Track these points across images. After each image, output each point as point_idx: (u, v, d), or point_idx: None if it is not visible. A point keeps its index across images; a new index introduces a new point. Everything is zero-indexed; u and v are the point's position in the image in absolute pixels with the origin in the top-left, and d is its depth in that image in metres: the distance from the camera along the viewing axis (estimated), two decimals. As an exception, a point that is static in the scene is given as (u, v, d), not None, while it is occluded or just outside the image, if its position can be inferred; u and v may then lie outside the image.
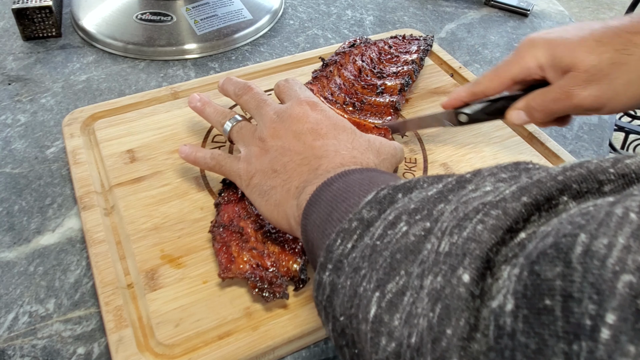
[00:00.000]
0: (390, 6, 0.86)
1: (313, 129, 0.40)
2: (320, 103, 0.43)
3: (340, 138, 0.40)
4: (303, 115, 0.41)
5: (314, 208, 0.33)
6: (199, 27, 0.75)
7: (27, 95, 0.65)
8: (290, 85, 0.47)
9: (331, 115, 0.42)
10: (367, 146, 0.41)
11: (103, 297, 0.41)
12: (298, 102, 0.43)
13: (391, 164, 0.43)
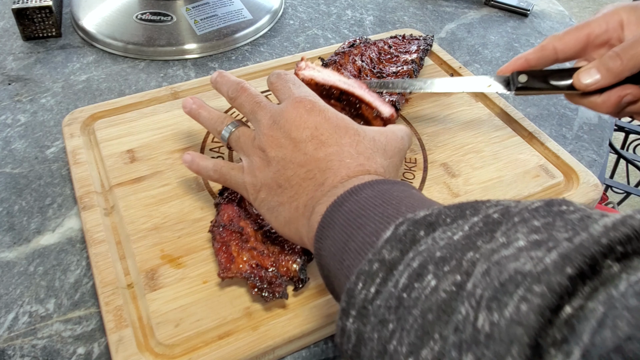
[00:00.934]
0: (390, 6, 0.86)
1: (313, 135, 0.37)
2: (317, 101, 0.40)
3: (343, 143, 0.37)
4: (300, 119, 0.38)
5: (327, 232, 0.32)
6: (199, 27, 0.75)
7: (27, 95, 0.65)
8: (283, 82, 0.43)
9: (330, 115, 0.39)
10: (373, 147, 0.38)
11: (103, 297, 0.41)
12: (293, 104, 0.39)
13: (400, 159, 0.41)
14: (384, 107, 0.51)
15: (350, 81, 0.52)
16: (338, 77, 0.52)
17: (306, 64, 0.52)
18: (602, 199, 1.21)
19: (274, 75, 0.44)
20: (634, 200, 1.72)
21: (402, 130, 0.43)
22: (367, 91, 0.52)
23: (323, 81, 0.50)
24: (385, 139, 0.40)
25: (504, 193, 0.50)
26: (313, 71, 0.51)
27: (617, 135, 1.64)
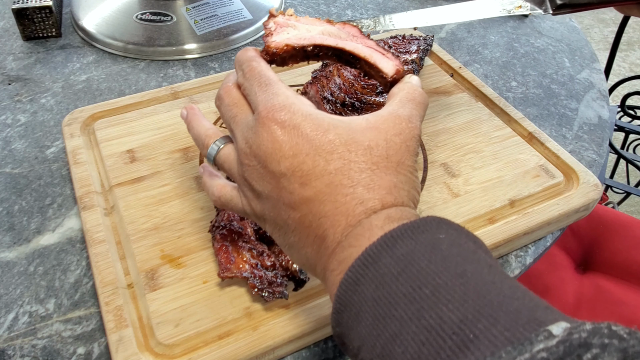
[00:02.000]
0: (390, 6, 0.86)
1: (293, 166, 0.30)
2: (291, 110, 0.31)
3: (330, 171, 0.30)
4: (273, 145, 0.31)
5: (351, 323, 0.26)
6: (199, 27, 0.75)
7: (27, 95, 0.65)
8: (249, 85, 0.35)
9: (309, 130, 0.31)
10: (371, 163, 0.30)
11: (103, 297, 0.41)
12: (262, 122, 0.31)
13: (411, 156, 0.32)
14: (385, 63, 0.39)
15: (337, 31, 0.40)
16: (321, 27, 0.40)
17: (275, 23, 0.39)
18: (602, 199, 1.21)
19: (239, 72, 0.37)
20: (634, 200, 1.72)
21: (408, 103, 0.34)
22: (360, 43, 0.40)
23: (301, 43, 0.38)
24: (385, 139, 0.31)
25: (504, 193, 0.50)
26: (285, 34, 0.39)
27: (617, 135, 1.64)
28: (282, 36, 0.38)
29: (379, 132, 0.31)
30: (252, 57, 0.36)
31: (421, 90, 0.35)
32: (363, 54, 0.38)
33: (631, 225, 0.84)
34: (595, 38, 2.50)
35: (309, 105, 0.33)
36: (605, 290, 0.77)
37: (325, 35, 0.38)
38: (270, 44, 0.37)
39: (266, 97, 0.33)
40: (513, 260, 0.48)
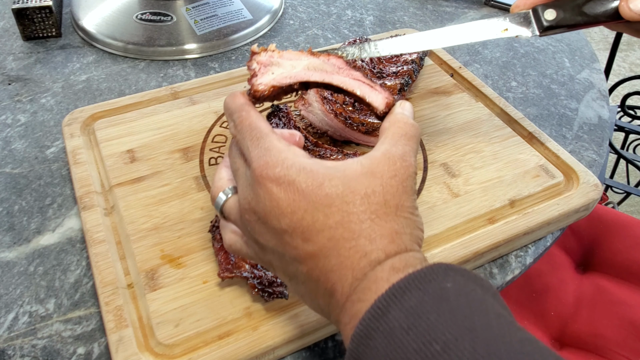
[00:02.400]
0: (390, 6, 0.86)
1: (293, 223, 0.30)
2: (285, 166, 0.31)
3: (331, 225, 0.29)
4: (271, 203, 0.30)
5: None
6: (199, 27, 0.75)
7: (27, 95, 0.65)
8: (241, 138, 0.34)
9: (303, 186, 0.30)
10: (370, 213, 0.30)
11: (103, 297, 0.41)
12: (257, 181, 0.31)
13: (409, 195, 0.32)
14: (374, 97, 0.38)
15: (322, 63, 0.39)
16: (305, 60, 0.38)
17: (259, 63, 0.38)
18: (602, 199, 1.21)
19: (230, 122, 0.36)
20: (634, 200, 1.72)
21: (400, 139, 0.34)
22: (346, 76, 0.38)
23: (286, 82, 0.37)
24: (381, 184, 0.31)
25: (504, 193, 0.50)
26: (269, 74, 0.37)
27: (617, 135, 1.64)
28: (267, 77, 0.37)
29: (374, 177, 0.31)
30: (240, 107, 0.35)
31: (412, 122, 0.35)
32: (351, 88, 0.38)
33: (631, 225, 0.84)
34: (595, 38, 2.50)
35: (302, 156, 0.32)
36: (605, 290, 0.77)
37: (310, 70, 0.38)
38: (256, 87, 0.37)
39: (259, 153, 0.32)
40: (513, 260, 0.48)
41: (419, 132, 0.35)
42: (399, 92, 0.58)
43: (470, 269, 0.47)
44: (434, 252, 0.45)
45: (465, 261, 0.45)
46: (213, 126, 0.57)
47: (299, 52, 0.39)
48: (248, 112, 0.35)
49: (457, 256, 0.45)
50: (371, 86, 0.38)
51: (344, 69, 0.39)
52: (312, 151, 0.51)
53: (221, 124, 0.57)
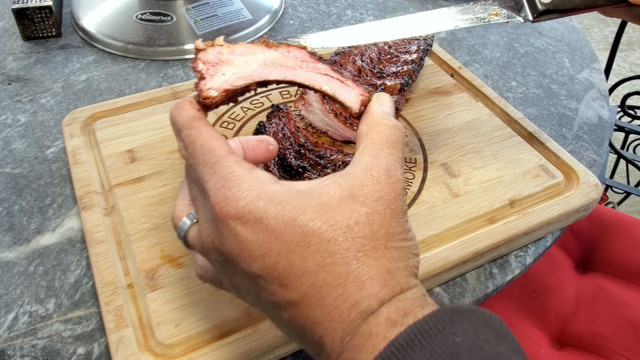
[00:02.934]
0: (390, 6, 0.86)
1: (267, 270, 0.26)
2: (248, 199, 0.26)
3: (310, 268, 0.25)
4: (238, 245, 0.26)
5: None
6: (199, 27, 0.75)
7: (27, 95, 0.65)
8: (193, 163, 0.29)
9: (273, 223, 0.25)
10: (355, 249, 0.25)
11: (103, 297, 0.41)
12: (220, 221, 0.26)
13: (400, 217, 0.27)
14: (347, 94, 0.32)
15: (282, 57, 0.33)
16: (261, 55, 0.32)
17: (205, 62, 0.31)
18: (602, 199, 1.21)
19: (179, 142, 0.30)
20: (634, 200, 1.72)
21: (382, 148, 0.29)
22: (311, 71, 0.33)
23: (241, 83, 0.32)
24: (365, 213, 0.26)
25: (504, 193, 0.50)
26: (220, 75, 0.32)
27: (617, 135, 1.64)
28: (217, 79, 0.31)
29: (356, 202, 0.26)
30: (189, 122, 0.29)
31: (394, 123, 0.30)
32: (318, 85, 0.32)
33: (631, 225, 0.84)
34: (595, 38, 2.50)
35: (268, 182, 0.27)
36: (605, 290, 0.77)
37: (268, 66, 0.32)
38: (206, 92, 0.31)
39: (216, 184, 0.27)
40: (513, 260, 0.48)
41: (403, 133, 0.30)
42: (399, 92, 0.58)
43: (470, 269, 0.47)
44: (434, 252, 0.45)
45: (465, 261, 0.45)
46: (213, 126, 0.57)
47: (253, 44, 0.33)
48: (198, 130, 0.29)
49: (457, 256, 0.45)
50: (342, 81, 0.32)
51: (308, 61, 0.33)
52: (312, 151, 0.51)
53: (221, 124, 0.57)
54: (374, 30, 0.40)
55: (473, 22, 0.39)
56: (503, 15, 0.39)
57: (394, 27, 0.40)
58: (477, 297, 0.46)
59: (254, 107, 0.59)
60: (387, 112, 0.31)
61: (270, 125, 0.52)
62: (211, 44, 0.32)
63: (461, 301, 0.45)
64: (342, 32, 0.40)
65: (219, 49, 0.32)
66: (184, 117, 0.30)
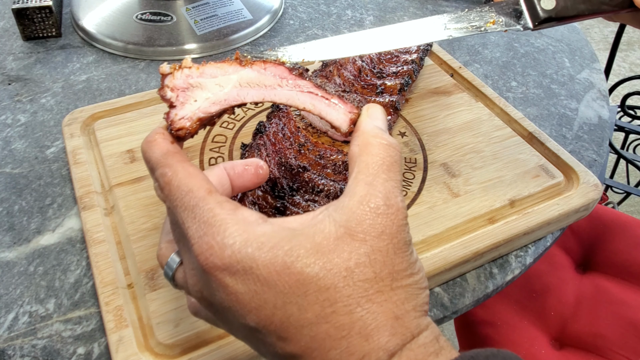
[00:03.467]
0: (390, 6, 0.86)
1: (263, 323, 0.24)
2: (235, 247, 0.24)
3: (310, 320, 0.23)
4: (229, 298, 0.24)
5: None
6: (199, 27, 0.75)
7: (27, 95, 0.65)
8: (171, 205, 0.26)
9: (264, 272, 0.23)
10: (359, 300, 0.23)
11: (103, 297, 0.41)
12: (207, 272, 0.24)
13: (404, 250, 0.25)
14: (333, 114, 0.30)
15: (258, 75, 0.30)
16: (234, 75, 0.29)
17: (173, 89, 0.29)
18: (602, 199, 1.21)
19: (154, 182, 0.28)
20: (634, 200, 1.72)
21: (378, 173, 0.26)
22: (293, 89, 0.30)
23: (216, 109, 0.29)
24: (366, 253, 0.24)
25: (504, 193, 0.50)
26: (192, 102, 0.29)
27: (617, 135, 1.64)
28: (189, 107, 0.29)
29: (355, 240, 0.24)
30: (162, 160, 0.27)
31: (389, 140, 0.27)
32: (301, 105, 0.30)
33: (631, 225, 0.84)
34: (595, 38, 2.50)
35: (255, 224, 0.24)
36: (605, 290, 0.77)
37: (244, 86, 0.29)
38: (178, 123, 0.28)
39: (197, 231, 0.24)
40: (513, 260, 0.48)
41: (400, 152, 0.27)
42: (399, 92, 0.58)
43: (470, 269, 0.47)
44: (434, 252, 0.45)
45: (465, 261, 0.45)
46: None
47: (224, 62, 0.30)
48: (173, 168, 0.26)
49: (457, 256, 0.45)
50: (327, 98, 0.29)
51: (288, 78, 0.30)
52: (312, 151, 0.51)
53: (221, 124, 0.57)
54: (360, 42, 0.37)
55: (468, 31, 0.37)
56: (501, 23, 0.37)
57: (381, 38, 0.37)
58: (477, 297, 0.46)
59: (254, 107, 0.59)
60: (380, 128, 0.28)
61: (270, 125, 0.52)
62: (178, 66, 0.29)
63: (461, 301, 0.45)
64: (325, 43, 0.36)
65: (187, 72, 0.29)
66: (157, 153, 0.27)
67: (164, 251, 0.29)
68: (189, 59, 0.29)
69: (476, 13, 0.37)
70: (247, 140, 0.53)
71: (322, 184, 0.47)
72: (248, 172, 0.31)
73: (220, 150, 0.54)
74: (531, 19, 0.36)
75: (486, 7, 0.37)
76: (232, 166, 0.31)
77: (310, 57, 0.35)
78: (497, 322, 0.72)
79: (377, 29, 0.38)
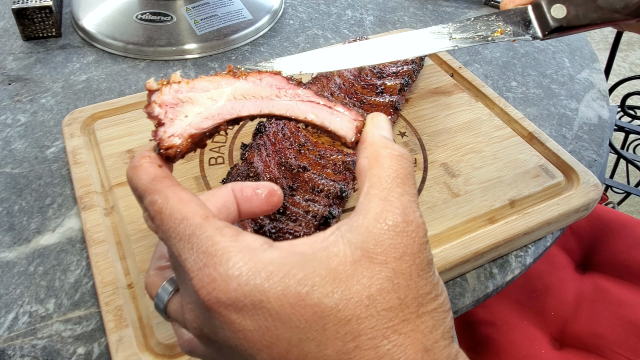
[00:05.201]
0: (390, 6, 0.86)
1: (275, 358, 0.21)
2: (241, 279, 0.21)
3: (331, 356, 0.21)
4: (236, 336, 0.21)
5: None
6: (199, 27, 0.74)
7: (27, 95, 0.65)
8: (164, 236, 0.24)
9: (276, 306, 0.21)
10: (385, 332, 0.21)
11: (103, 297, 0.41)
12: (210, 309, 0.22)
13: (427, 270, 0.23)
14: (338, 122, 0.27)
15: (253, 87, 0.28)
16: (228, 88, 0.27)
17: (161, 105, 0.26)
18: (602, 199, 1.21)
19: (144, 211, 0.25)
20: (634, 200, 1.72)
21: (393, 187, 0.23)
22: (292, 99, 0.28)
23: (209, 125, 0.27)
24: (388, 277, 0.21)
25: (504, 193, 0.50)
26: (182, 118, 0.26)
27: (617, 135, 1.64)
28: (179, 123, 0.26)
29: (374, 263, 0.21)
30: (150, 187, 0.24)
31: (400, 150, 0.25)
32: (302, 115, 0.27)
33: (631, 225, 0.84)
34: (595, 38, 2.50)
35: (260, 250, 0.22)
36: (605, 290, 0.77)
37: (238, 99, 0.27)
38: (167, 141, 0.26)
39: (196, 263, 0.22)
40: (513, 260, 0.48)
41: (412, 163, 0.25)
42: (399, 92, 0.58)
43: (470, 269, 0.47)
44: (434, 252, 0.45)
45: (465, 261, 0.45)
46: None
47: (217, 75, 0.28)
48: (163, 194, 0.24)
49: (457, 256, 0.45)
50: (329, 107, 0.27)
51: (286, 88, 0.28)
52: (312, 151, 0.51)
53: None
54: (362, 52, 0.35)
55: (475, 40, 0.35)
56: (508, 32, 0.35)
57: (385, 49, 0.35)
58: (477, 297, 0.46)
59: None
60: (388, 138, 0.26)
61: (270, 125, 0.52)
62: (166, 82, 0.27)
63: (461, 301, 0.45)
64: (325, 53, 0.34)
65: (175, 87, 0.27)
66: (144, 179, 0.24)
67: (154, 279, 0.26)
68: (178, 74, 0.27)
69: (483, 22, 0.36)
70: (247, 140, 0.53)
71: (322, 184, 0.47)
72: (258, 198, 0.28)
73: (220, 150, 0.54)
74: (540, 28, 0.35)
75: (493, 15, 0.36)
76: (241, 188, 0.28)
77: (307, 69, 0.33)
78: (497, 322, 0.72)
79: (381, 39, 0.36)
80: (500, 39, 0.36)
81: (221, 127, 0.27)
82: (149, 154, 0.25)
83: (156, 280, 0.26)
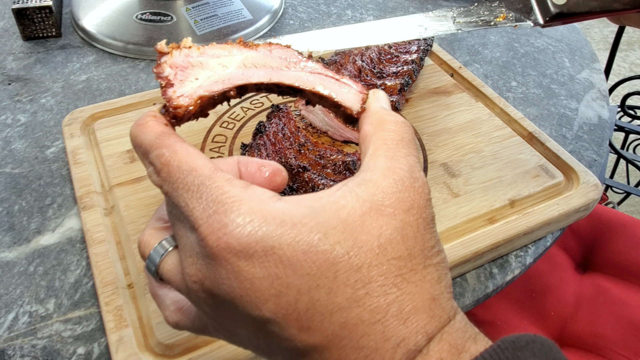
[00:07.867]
0: (390, 6, 0.86)
1: (283, 312, 0.21)
2: (253, 225, 0.21)
3: (341, 304, 0.21)
4: (242, 286, 0.21)
5: None
6: (199, 27, 0.74)
7: (27, 95, 0.65)
8: (171, 190, 0.23)
9: (289, 252, 0.21)
10: (394, 279, 0.21)
11: (103, 297, 0.41)
12: (217, 257, 0.21)
13: (432, 227, 0.24)
14: (344, 94, 0.28)
15: (263, 57, 0.28)
16: (239, 55, 0.28)
17: (172, 66, 0.27)
18: (602, 199, 1.21)
19: (148, 167, 0.25)
20: (634, 200, 1.72)
21: (398, 149, 0.24)
22: (301, 70, 0.28)
23: (218, 88, 0.27)
24: (396, 227, 0.22)
25: (504, 193, 0.50)
26: (192, 80, 0.27)
27: (617, 135, 1.64)
28: (189, 85, 0.26)
29: (383, 215, 0.22)
30: (157, 141, 0.24)
31: (402, 119, 0.26)
32: (310, 85, 0.27)
33: (631, 225, 0.84)
34: (595, 38, 2.50)
35: (270, 200, 0.22)
36: (605, 290, 0.77)
37: (249, 67, 0.27)
38: (176, 101, 0.25)
39: (205, 211, 0.21)
40: (513, 260, 0.48)
41: (412, 130, 0.26)
42: (399, 92, 0.58)
43: (470, 269, 0.47)
44: (434, 252, 0.45)
45: (465, 261, 0.45)
46: (213, 126, 0.57)
47: (227, 44, 0.28)
48: (171, 148, 0.23)
49: (457, 256, 0.45)
50: (337, 79, 0.28)
51: (296, 61, 0.28)
52: (312, 151, 0.51)
53: (221, 124, 0.57)
54: (369, 32, 0.36)
55: (478, 25, 0.36)
56: (511, 18, 0.36)
57: (390, 30, 0.37)
58: (477, 297, 0.46)
59: (254, 107, 0.59)
60: (388, 108, 0.27)
61: (270, 125, 0.52)
62: (177, 45, 0.27)
63: (461, 301, 0.45)
64: (332, 32, 0.35)
65: (186, 52, 0.27)
66: (150, 135, 0.24)
67: (148, 238, 0.26)
68: (189, 39, 0.28)
69: (486, 7, 0.37)
70: (247, 140, 0.53)
71: (322, 184, 0.47)
72: (261, 175, 0.28)
73: (220, 150, 0.54)
74: (541, 14, 0.36)
75: (496, 1, 0.37)
76: (247, 163, 0.28)
77: (315, 47, 0.33)
78: (497, 322, 0.72)
79: (385, 21, 0.37)
80: (502, 24, 0.37)
81: (230, 93, 0.27)
82: (154, 113, 0.25)
83: (151, 239, 0.26)
